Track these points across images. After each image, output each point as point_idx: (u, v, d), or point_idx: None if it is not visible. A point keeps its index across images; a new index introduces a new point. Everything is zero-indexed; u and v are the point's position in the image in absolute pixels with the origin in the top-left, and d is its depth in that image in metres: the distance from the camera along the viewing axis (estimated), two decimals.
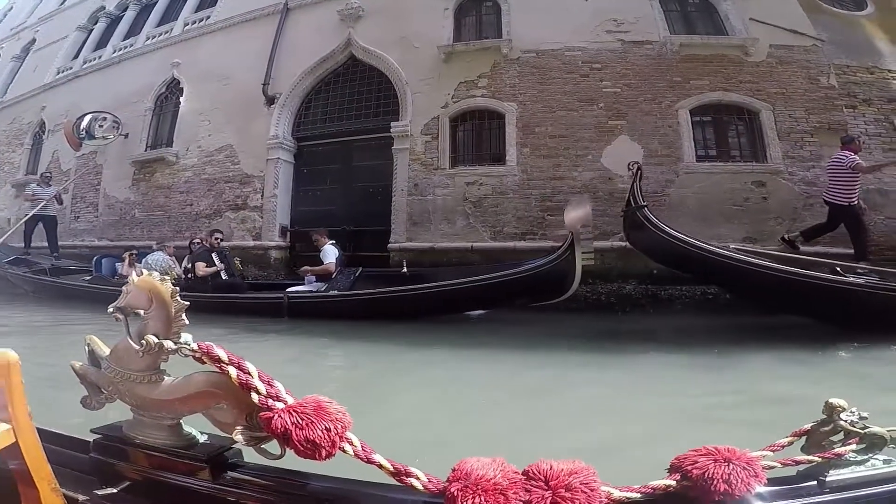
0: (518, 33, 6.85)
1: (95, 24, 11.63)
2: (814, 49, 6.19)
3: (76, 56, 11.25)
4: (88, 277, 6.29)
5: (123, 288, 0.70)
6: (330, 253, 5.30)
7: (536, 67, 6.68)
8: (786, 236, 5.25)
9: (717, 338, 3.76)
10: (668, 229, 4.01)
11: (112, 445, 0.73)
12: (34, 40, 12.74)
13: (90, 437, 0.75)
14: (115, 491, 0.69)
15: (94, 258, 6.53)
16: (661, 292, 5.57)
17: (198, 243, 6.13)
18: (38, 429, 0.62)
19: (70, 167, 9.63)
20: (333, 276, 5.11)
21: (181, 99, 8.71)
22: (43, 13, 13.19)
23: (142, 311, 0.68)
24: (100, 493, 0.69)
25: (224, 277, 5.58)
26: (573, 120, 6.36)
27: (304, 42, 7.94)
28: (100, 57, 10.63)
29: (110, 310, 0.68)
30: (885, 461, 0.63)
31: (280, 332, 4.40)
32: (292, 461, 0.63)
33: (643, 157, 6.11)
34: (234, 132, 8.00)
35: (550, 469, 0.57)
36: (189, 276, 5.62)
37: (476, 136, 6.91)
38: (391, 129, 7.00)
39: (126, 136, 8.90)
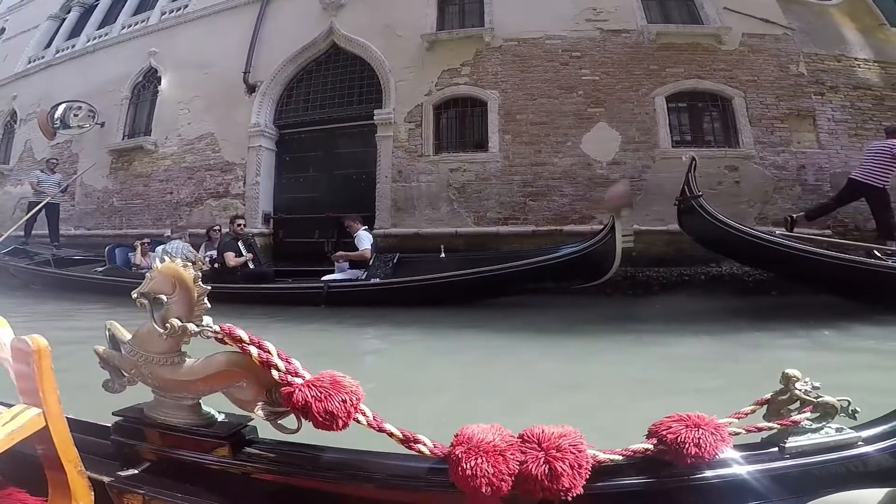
0: (500, 22, 6.94)
1: (68, 13, 11.32)
2: (784, 38, 6.42)
3: (48, 45, 10.94)
4: (101, 269, 5.90)
5: (147, 274, 0.72)
6: (365, 239, 5.02)
7: (518, 56, 6.79)
8: (793, 216, 5.25)
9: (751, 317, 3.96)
10: (722, 217, 4.12)
11: (133, 427, 0.76)
12: (3, 29, 12.33)
13: (108, 423, 0.78)
14: (136, 472, 0.72)
15: (107, 248, 6.07)
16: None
17: (216, 231, 5.93)
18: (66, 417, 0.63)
19: (44, 156, 9.36)
20: (370, 262, 4.86)
21: (159, 88, 8.56)
22: (12, 2, 12.76)
23: (164, 297, 0.69)
24: (123, 474, 0.71)
25: (251, 267, 5.29)
26: (553, 107, 6.49)
27: (286, 30, 7.88)
28: (73, 46, 10.35)
29: (134, 295, 0.70)
30: (837, 429, 0.67)
31: (322, 321, 4.17)
32: (304, 436, 0.67)
33: (621, 144, 6.29)
34: (214, 121, 7.90)
35: (543, 432, 0.61)
36: (215, 265, 5.29)
37: (459, 123, 6.98)
38: (374, 117, 7.02)
39: (102, 124, 8.71)
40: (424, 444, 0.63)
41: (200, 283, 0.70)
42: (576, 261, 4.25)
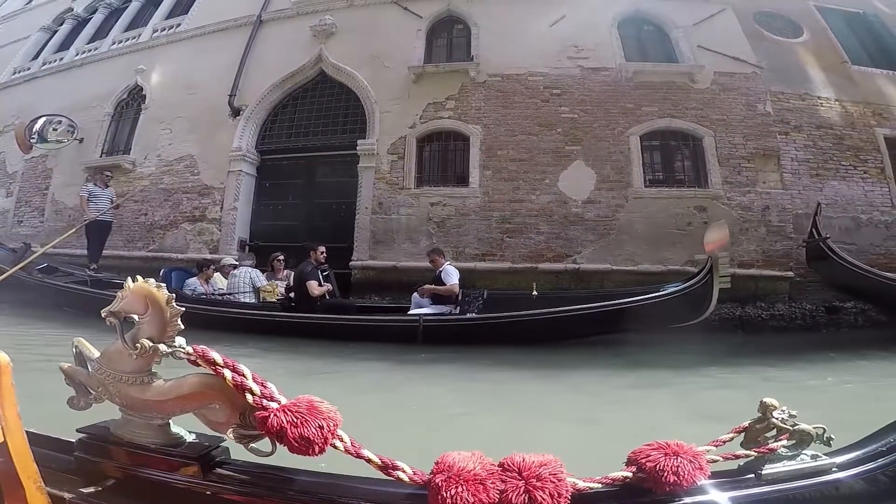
0: (486, 57, 7.03)
1: (61, 24, 11.29)
2: (753, 76, 6.59)
3: (35, 57, 10.85)
4: None
5: (118, 293, 0.71)
6: (453, 273, 4.74)
7: (501, 91, 6.85)
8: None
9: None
10: (852, 260, 4.13)
11: (98, 444, 0.74)
12: None
13: (72, 438, 0.76)
14: (100, 489, 0.70)
15: (162, 271, 5.52)
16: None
17: (280, 261, 5.66)
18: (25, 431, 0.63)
19: (17, 169, 9.16)
20: (460, 297, 4.61)
21: (143, 106, 8.47)
22: (5, 13, 12.72)
23: (136, 316, 0.69)
24: (85, 490, 0.70)
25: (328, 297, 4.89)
26: (533, 144, 6.52)
27: (275, 55, 7.90)
28: (61, 59, 10.28)
29: (104, 314, 0.70)
30: (812, 456, 0.68)
31: (429, 361, 3.82)
32: (278, 458, 0.66)
33: (596, 182, 6.31)
34: (196, 142, 7.81)
35: (523, 461, 0.61)
36: (290, 294, 4.96)
37: (441, 156, 6.98)
38: (357, 147, 6.99)
39: (81, 140, 8.54)
40: (404, 471, 0.63)
41: (174, 304, 0.69)
42: (677, 300, 4.23)
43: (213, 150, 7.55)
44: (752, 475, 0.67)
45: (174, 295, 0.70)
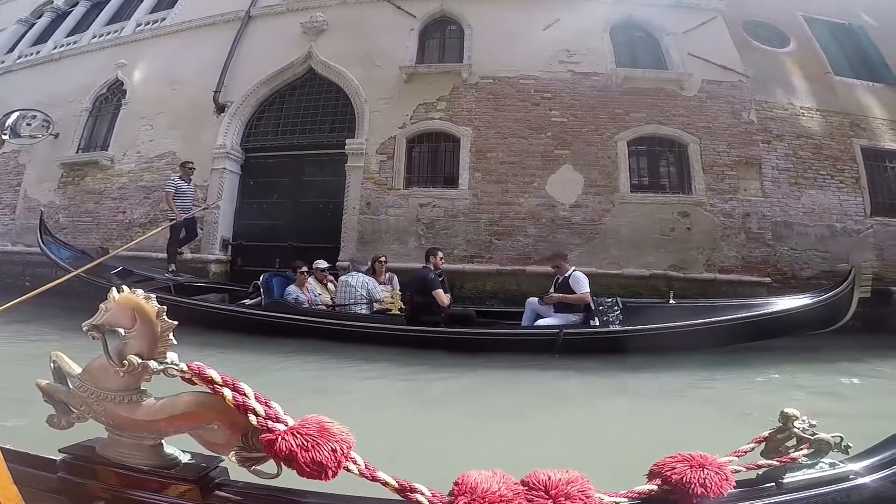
0: (478, 59, 6.99)
1: (39, 17, 10.93)
2: (739, 85, 6.67)
3: (11, 50, 10.46)
4: (250, 301, 4.91)
5: (101, 305, 0.66)
6: (584, 281, 4.39)
7: (492, 94, 6.81)
8: None
9: None
10: None
11: (83, 465, 0.69)
12: None
13: (54, 456, 0.71)
14: None
15: (263, 277, 4.93)
16: None
17: (382, 262, 5.20)
18: (1, 448, 0.59)
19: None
20: (593, 307, 4.32)
21: (123, 101, 8.20)
22: None
23: (122, 330, 0.64)
24: None
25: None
26: (522, 147, 6.49)
27: (263, 52, 7.74)
28: (38, 52, 9.93)
29: (85, 327, 0.65)
30: (830, 464, 0.70)
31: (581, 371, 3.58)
32: (282, 478, 0.62)
33: (583, 187, 6.31)
34: (178, 139, 7.58)
35: (549, 479, 0.60)
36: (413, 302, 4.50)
37: (431, 157, 6.89)
38: (346, 147, 6.86)
39: (56, 136, 8.22)
40: (422, 494, 0.60)
41: (165, 317, 0.64)
42: (825, 308, 4.27)
43: (197, 147, 7.32)
44: (773, 484, 0.68)
45: (164, 307, 0.65)
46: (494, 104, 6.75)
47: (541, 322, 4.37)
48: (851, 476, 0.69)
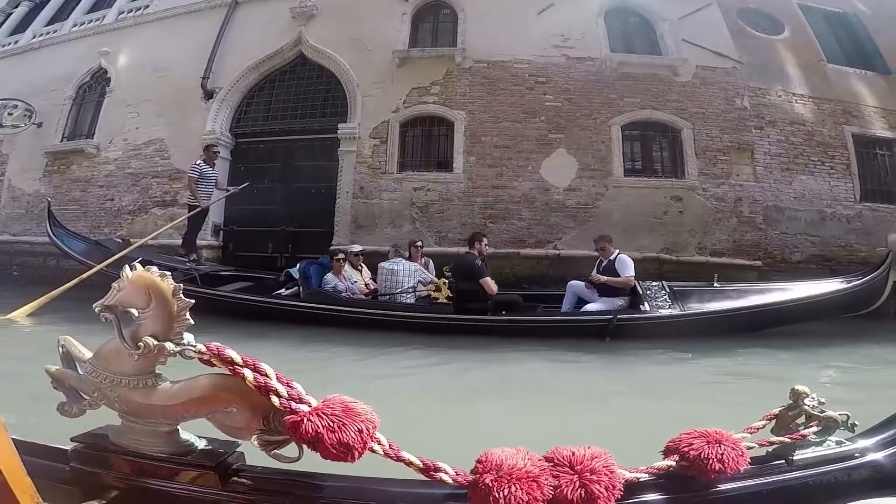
0: (472, 43, 6.95)
1: (16, 7, 10.62)
2: (733, 71, 6.71)
3: None
4: (287, 291, 4.72)
5: (114, 284, 0.63)
6: (629, 264, 4.30)
7: (487, 78, 6.79)
8: None
9: None
10: None
11: (97, 454, 0.66)
12: None
13: (66, 445, 0.68)
14: (104, 502, 0.63)
15: (300, 265, 4.77)
16: None
17: (418, 246, 5.06)
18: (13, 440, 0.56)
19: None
20: (640, 291, 4.22)
21: (107, 89, 8.02)
22: None
23: (136, 311, 0.61)
24: None
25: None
26: (517, 131, 6.48)
27: (251, 37, 7.62)
28: (16, 42, 9.66)
29: (97, 308, 0.61)
30: (837, 442, 0.71)
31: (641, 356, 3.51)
32: (302, 462, 0.61)
33: (577, 171, 6.33)
34: (166, 126, 7.44)
35: (573, 455, 0.60)
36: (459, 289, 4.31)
37: (425, 141, 6.86)
38: (338, 131, 6.79)
39: (39, 125, 8.04)
40: (446, 472, 0.60)
41: (182, 295, 0.61)
42: (858, 293, 4.26)
43: (185, 133, 7.20)
44: (783, 461, 0.69)
45: (181, 286, 0.62)
46: (488, 88, 6.73)
47: (589, 307, 4.28)
48: (857, 454, 0.70)
